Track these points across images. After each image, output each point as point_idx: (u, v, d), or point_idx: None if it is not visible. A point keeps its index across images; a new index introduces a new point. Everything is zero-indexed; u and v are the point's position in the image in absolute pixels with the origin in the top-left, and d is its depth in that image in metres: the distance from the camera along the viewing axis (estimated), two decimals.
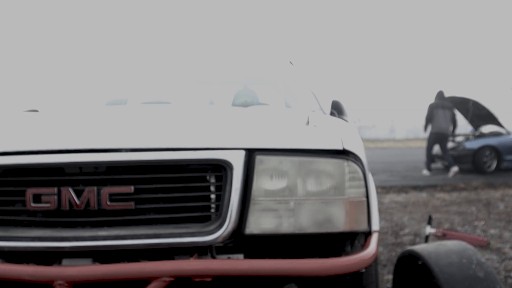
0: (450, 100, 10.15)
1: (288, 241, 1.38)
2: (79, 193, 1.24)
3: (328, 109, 2.42)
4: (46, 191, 1.24)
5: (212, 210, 1.29)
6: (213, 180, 1.29)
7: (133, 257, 1.31)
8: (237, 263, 1.22)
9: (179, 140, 1.28)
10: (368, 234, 1.40)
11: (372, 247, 1.35)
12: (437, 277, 1.45)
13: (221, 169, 1.27)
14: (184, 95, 3.28)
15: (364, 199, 1.35)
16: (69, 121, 1.53)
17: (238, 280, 1.35)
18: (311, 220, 1.29)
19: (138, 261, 1.30)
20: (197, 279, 1.22)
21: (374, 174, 5.53)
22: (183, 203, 1.28)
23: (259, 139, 1.30)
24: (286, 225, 1.29)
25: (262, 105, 2.53)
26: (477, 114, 10.64)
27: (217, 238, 1.25)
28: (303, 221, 1.29)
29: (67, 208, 1.24)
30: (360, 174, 1.33)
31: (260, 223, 1.28)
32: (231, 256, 1.36)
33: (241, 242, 1.33)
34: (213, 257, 1.33)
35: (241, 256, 1.37)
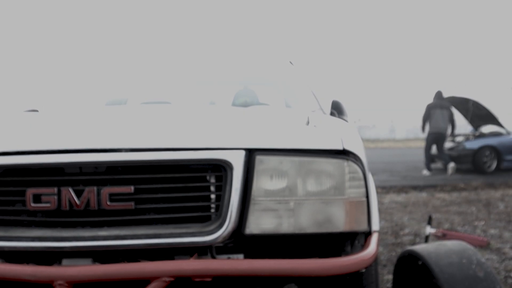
0: (450, 100, 10.16)
1: (288, 241, 1.38)
2: (79, 193, 1.24)
3: (328, 109, 2.42)
4: (46, 191, 1.24)
5: (212, 210, 1.29)
6: (213, 180, 1.29)
7: (133, 257, 1.31)
8: (237, 263, 1.22)
9: (179, 140, 1.28)
10: (368, 234, 1.40)
11: (372, 247, 1.35)
12: (437, 277, 1.45)
13: (221, 169, 1.27)
14: (184, 95, 3.28)
15: (364, 199, 1.35)
16: (69, 121, 1.53)
17: (238, 280, 1.35)
18: (311, 220, 1.29)
19: (138, 261, 1.30)
20: (197, 279, 1.22)
21: (374, 174, 5.52)
22: (183, 203, 1.28)
23: (259, 139, 1.30)
24: (286, 225, 1.29)
25: (262, 105, 2.53)
26: (477, 114, 10.65)
27: (217, 238, 1.25)
28: (303, 221, 1.29)
29: (67, 208, 1.24)
30: (360, 174, 1.33)
31: (260, 223, 1.28)
32: (231, 256, 1.36)
33: (241, 242, 1.33)
34: (213, 257, 1.33)
35: (241, 256, 1.37)
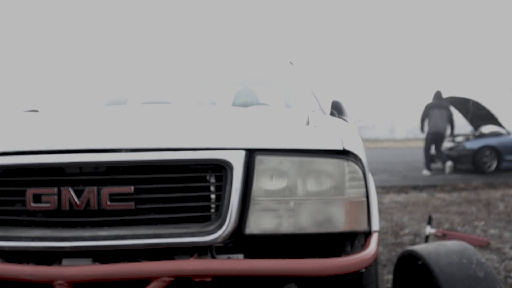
0: (449, 100, 10.16)
1: (288, 241, 1.38)
2: (79, 193, 1.24)
3: (328, 109, 2.42)
4: (46, 191, 1.24)
5: (212, 210, 1.29)
6: (213, 180, 1.29)
7: (133, 257, 1.31)
8: (237, 263, 1.22)
9: (179, 140, 1.28)
10: (368, 234, 1.40)
11: (372, 247, 1.35)
12: (437, 277, 1.45)
13: (221, 169, 1.27)
14: (184, 95, 3.28)
15: (364, 199, 1.35)
16: (69, 121, 1.53)
17: (238, 280, 1.35)
18: (311, 220, 1.29)
19: (138, 261, 1.30)
20: (197, 279, 1.22)
21: (374, 174, 5.52)
22: (183, 203, 1.28)
23: (259, 139, 1.30)
24: (286, 225, 1.29)
25: (262, 105, 2.53)
26: (477, 114, 10.65)
27: (217, 238, 1.25)
28: (303, 221, 1.29)
29: (67, 208, 1.24)
30: (360, 174, 1.33)
31: (260, 223, 1.28)
32: (231, 256, 1.36)
33: (241, 242, 1.33)
34: (213, 257, 1.33)
35: (241, 256, 1.37)
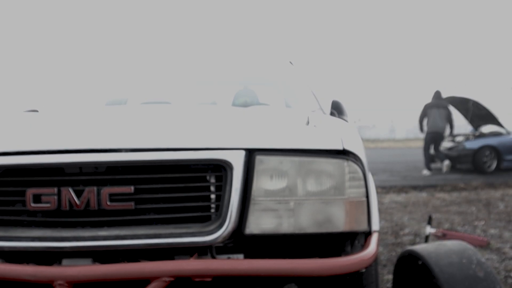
0: (449, 100, 10.16)
1: (288, 241, 1.38)
2: (79, 193, 1.24)
3: (328, 109, 2.42)
4: (46, 191, 1.24)
5: (212, 210, 1.29)
6: (213, 180, 1.29)
7: (133, 257, 1.31)
8: (237, 263, 1.22)
9: (179, 140, 1.28)
10: (368, 234, 1.40)
11: (372, 247, 1.35)
12: (437, 277, 1.45)
13: (221, 169, 1.27)
14: (184, 95, 3.28)
15: (364, 199, 1.35)
16: (69, 121, 1.53)
17: (238, 280, 1.35)
18: (311, 220, 1.29)
19: (138, 261, 1.30)
20: (197, 279, 1.22)
21: (374, 174, 5.52)
22: (183, 203, 1.28)
23: (259, 139, 1.30)
24: (286, 225, 1.29)
25: (262, 105, 2.53)
26: (477, 114, 10.64)
27: (217, 238, 1.25)
28: (303, 221, 1.29)
29: (67, 208, 1.24)
30: (360, 174, 1.33)
31: (260, 223, 1.28)
32: (231, 256, 1.36)
33: (241, 242, 1.33)
34: (213, 257, 1.33)
35: (241, 256, 1.37)
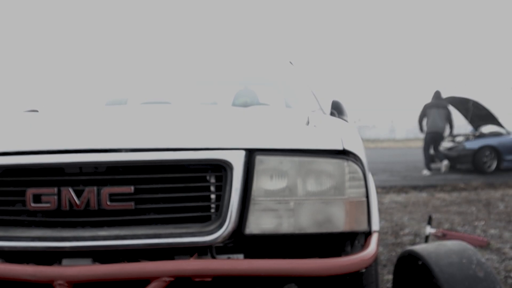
0: (449, 100, 10.16)
1: (288, 241, 1.38)
2: (79, 193, 1.24)
3: (328, 109, 2.42)
4: (46, 191, 1.24)
5: (212, 210, 1.29)
6: (213, 180, 1.29)
7: (133, 257, 1.31)
8: (237, 263, 1.22)
9: (179, 140, 1.28)
10: (368, 234, 1.40)
11: (372, 247, 1.35)
12: (437, 277, 1.45)
13: (221, 169, 1.27)
14: (184, 95, 3.28)
15: (364, 199, 1.35)
16: (69, 121, 1.53)
17: (238, 280, 1.35)
18: (311, 220, 1.29)
19: (138, 261, 1.30)
20: (197, 279, 1.22)
21: (374, 174, 5.52)
22: (183, 203, 1.28)
23: (259, 139, 1.30)
24: (286, 225, 1.29)
25: (262, 105, 2.53)
26: (477, 114, 10.65)
27: (217, 238, 1.25)
28: (303, 221, 1.29)
29: (67, 208, 1.24)
30: (360, 174, 1.33)
31: (260, 223, 1.28)
32: (231, 256, 1.36)
33: (241, 242, 1.33)
34: (213, 257, 1.33)
35: (241, 256, 1.37)
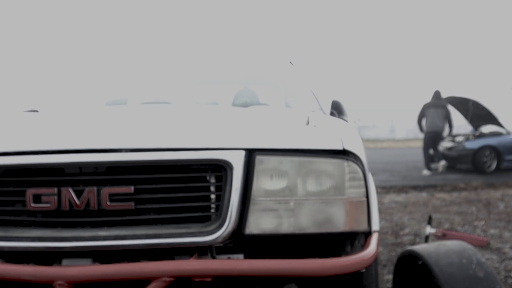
0: (449, 100, 10.16)
1: (288, 241, 1.38)
2: (79, 193, 1.24)
3: (328, 109, 2.42)
4: (46, 191, 1.24)
5: (212, 210, 1.29)
6: (213, 180, 1.29)
7: (133, 257, 1.31)
8: (237, 263, 1.22)
9: (179, 140, 1.28)
10: (368, 234, 1.40)
11: (372, 247, 1.35)
12: (437, 277, 1.45)
13: (221, 169, 1.27)
14: (184, 95, 3.28)
15: (364, 199, 1.35)
16: (69, 121, 1.53)
17: (238, 280, 1.35)
18: (311, 220, 1.29)
19: (138, 261, 1.30)
20: (197, 279, 1.22)
21: (374, 174, 5.52)
22: (183, 203, 1.28)
23: (259, 139, 1.30)
24: (286, 225, 1.29)
25: (262, 105, 2.53)
26: (477, 114, 10.64)
27: (217, 238, 1.25)
28: (303, 221, 1.29)
29: (67, 208, 1.24)
30: (360, 174, 1.33)
31: (260, 223, 1.28)
32: (231, 256, 1.36)
33: (241, 242, 1.33)
34: (213, 257, 1.33)
35: (241, 256, 1.37)
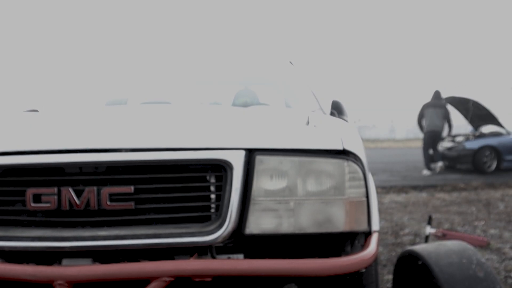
0: (449, 100, 10.16)
1: (288, 241, 1.38)
2: (79, 193, 1.24)
3: (328, 109, 2.42)
4: (46, 191, 1.24)
5: (212, 210, 1.29)
6: (213, 180, 1.29)
7: (133, 257, 1.31)
8: (237, 263, 1.22)
9: (179, 140, 1.28)
10: (368, 234, 1.40)
11: (372, 247, 1.35)
12: (437, 277, 1.45)
13: (221, 169, 1.27)
14: (184, 95, 3.28)
15: (364, 199, 1.35)
16: (69, 121, 1.53)
17: (238, 280, 1.35)
18: (311, 220, 1.29)
19: (138, 261, 1.30)
20: (197, 279, 1.22)
21: (374, 174, 5.52)
22: (183, 203, 1.28)
23: (259, 139, 1.30)
24: (286, 225, 1.29)
25: (262, 105, 2.53)
26: (477, 114, 10.65)
27: (217, 238, 1.25)
28: (303, 221, 1.29)
29: (67, 208, 1.24)
30: (360, 174, 1.33)
31: (260, 223, 1.28)
32: (231, 256, 1.36)
33: (241, 242, 1.33)
34: (213, 257, 1.33)
35: (241, 256, 1.37)
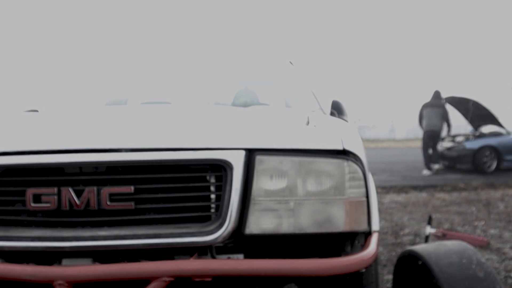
0: (449, 100, 10.17)
1: (288, 241, 1.38)
2: (79, 193, 1.24)
3: (328, 109, 2.42)
4: (46, 191, 1.24)
5: (212, 210, 1.29)
6: (213, 180, 1.29)
7: (133, 257, 1.31)
8: (237, 263, 1.22)
9: (179, 140, 1.28)
10: (368, 234, 1.40)
11: (372, 247, 1.35)
12: (437, 277, 1.45)
13: (221, 169, 1.27)
14: (184, 95, 3.28)
15: (364, 199, 1.35)
16: (69, 121, 1.53)
17: (238, 280, 1.35)
18: (311, 220, 1.30)
19: (138, 261, 1.30)
20: (197, 279, 1.22)
21: (374, 174, 5.52)
22: (183, 203, 1.28)
23: (259, 139, 1.30)
24: (286, 225, 1.29)
25: (262, 105, 2.53)
26: (477, 114, 10.65)
27: (217, 238, 1.25)
28: (303, 221, 1.29)
29: (67, 208, 1.24)
30: (360, 174, 1.33)
31: (260, 223, 1.28)
32: (231, 256, 1.36)
33: (241, 242, 1.33)
34: (213, 257, 1.33)
35: (241, 256, 1.37)
